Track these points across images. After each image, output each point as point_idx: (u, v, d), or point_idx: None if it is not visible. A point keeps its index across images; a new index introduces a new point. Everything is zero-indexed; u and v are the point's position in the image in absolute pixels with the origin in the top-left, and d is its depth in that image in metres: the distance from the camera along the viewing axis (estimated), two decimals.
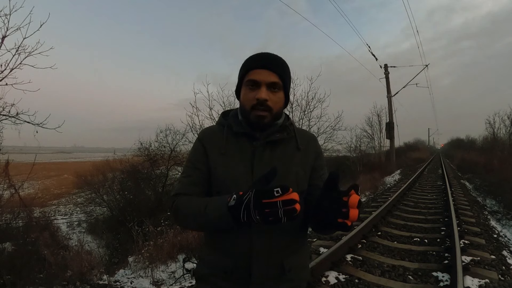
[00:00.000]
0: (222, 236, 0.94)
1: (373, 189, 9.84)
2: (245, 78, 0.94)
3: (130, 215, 7.31)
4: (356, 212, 0.74)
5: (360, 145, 18.91)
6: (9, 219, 5.26)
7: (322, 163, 1.04)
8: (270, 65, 0.92)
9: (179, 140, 10.39)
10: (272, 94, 0.92)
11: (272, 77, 0.91)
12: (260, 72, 0.91)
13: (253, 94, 0.91)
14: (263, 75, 0.91)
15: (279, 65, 0.94)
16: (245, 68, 0.94)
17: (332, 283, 2.82)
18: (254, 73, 0.92)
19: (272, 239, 0.91)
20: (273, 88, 0.92)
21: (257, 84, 0.91)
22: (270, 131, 0.96)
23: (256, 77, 0.91)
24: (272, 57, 0.95)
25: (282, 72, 0.94)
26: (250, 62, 0.95)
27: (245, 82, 0.94)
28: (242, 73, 0.96)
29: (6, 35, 3.84)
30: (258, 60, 0.94)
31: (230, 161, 0.94)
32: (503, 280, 2.93)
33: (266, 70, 0.91)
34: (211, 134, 1.01)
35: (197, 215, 0.89)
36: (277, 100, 0.94)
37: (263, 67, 0.92)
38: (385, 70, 17.71)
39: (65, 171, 32.08)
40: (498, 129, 19.01)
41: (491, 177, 10.90)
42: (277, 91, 0.93)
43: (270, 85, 0.91)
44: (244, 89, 0.95)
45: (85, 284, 3.44)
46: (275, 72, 0.92)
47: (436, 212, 6.08)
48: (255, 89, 0.92)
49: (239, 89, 0.99)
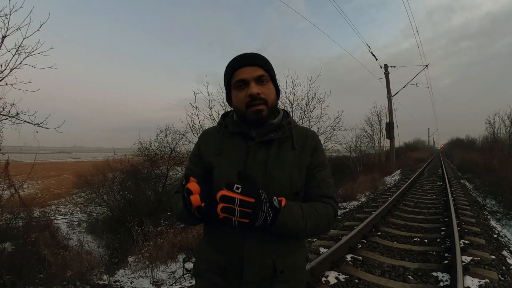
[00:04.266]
0: (217, 233, 0.96)
1: (373, 189, 9.84)
2: (232, 81, 0.95)
3: (130, 215, 7.31)
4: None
5: (360, 145, 18.91)
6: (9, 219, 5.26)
7: (319, 160, 1.00)
8: (252, 61, 0.94)
9: (179, 140, 10.39)
10: (262, 87, 0.93)
11: (257, 71, 0.93)
12: (244, 70, 0.93)
13: (244, 93, 0.93)
14: (248, 72, 0.92)
15: (259, 58, 0.96)
16: (229, 73, 0.96)
17: (332, 283, 2.82)
18: (239, 73, 0.93)
19: (264, 239, 0.91)
20: (261, 81, 0.93)
21: (245, 82, 0.93)
22: (265, 131, 0.96)
23: (242, 75, 0.92)
24: (249, 54, 0.97)
25: (264, 64, 0.95)
26: (231, 65, 0.96)
27: (233, 84, 0.95)
28: (228, 78, 0.97)
29: (6, 35, 3.84)
30: (238, 60, 0.95)
31: (224, 161, 0.95)
32: (503, 280, 2.93)
33: (249, 67, 0.93)
34: (207, 136, 1.04)
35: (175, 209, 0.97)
36: (269, 92, 0.95)
37: (246, 65, 0.93)
38: (385, 70, 17.71)
39: (65, 171, 32.09)
40: (498, 129, 18.98)
41: (491, 177, 10.90)
42: (265, 83, 0.94)
43: (257, 79, 0.93)
44: (234, 92, 0.96)
45: (85, 284, 3.44)
46: (258, 65, 0.93)
47: (436, 212, 6.08)
48: (244, 88, 0.93)
49: (229, 96, 1.00)
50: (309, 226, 0.89)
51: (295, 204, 0.87)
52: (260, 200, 0.76)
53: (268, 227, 0.80)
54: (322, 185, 0.97)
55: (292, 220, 0.85)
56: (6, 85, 3.94)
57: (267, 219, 0.78)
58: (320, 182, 0.98)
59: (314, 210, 0.91)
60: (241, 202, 0.73)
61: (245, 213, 0.73)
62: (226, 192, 0.73)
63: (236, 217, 0.74)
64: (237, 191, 0.73)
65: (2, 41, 3.83)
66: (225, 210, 0.73)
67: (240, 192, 0.73)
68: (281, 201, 0.82)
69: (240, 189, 0.74)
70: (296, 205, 0.88)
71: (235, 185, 0.74)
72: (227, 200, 0.73)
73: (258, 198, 0.76)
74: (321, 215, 0.92)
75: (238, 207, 0.73)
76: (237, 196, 0.73)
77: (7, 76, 3.92)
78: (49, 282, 3.44)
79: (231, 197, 0.73)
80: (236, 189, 0.73)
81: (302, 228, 0.88)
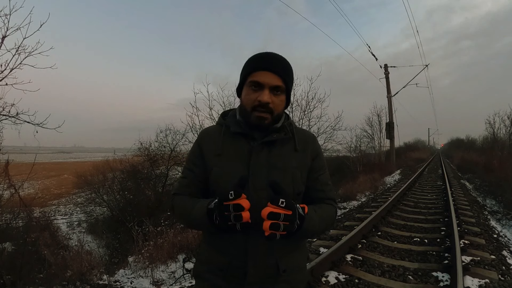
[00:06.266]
0: (219, 234, 0.94)
1: (373, 189, 9.84)
2: (248, 78, 0.92)
3: (130, 215, 7.30)
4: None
5: (360, 145, 18.86)
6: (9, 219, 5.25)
7: (320, 163, 1.02)
8: (275, 68, 0.91)
9: (179, 140, 10.37)
10: (274, 97, 0.91)
11: (275, 81, 0.90)
12: (264, 74, 0.90)
13: (255, 96, 0.90)
14: (267, 78, 0.90)
15: (283, 68, 0.92)
16: (249, 68, 0.93)
17: (332, 283, 2.82)
18: (258, 75, 0.90)
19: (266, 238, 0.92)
20: (276, 91, 0.91)
21: (260, 86, 0.90)
22: (268, 131, 0.96)
23: (260, 79, 0.90)
24: (277, 59, 0.93)
25: (286, 75, 0.92)
26: (254, 62, 0.93)
27: (248, 82, 0.93)
28: (246, 72, 0.94)
29: (6, 35, 3.83)
30: (263, 61, 0.92)
31: (226, 162, 0.94)
32: (503, 280, 2.93)
33: (270, 73, 0.90)
34: (208, 135, 1.01)
35: (186, 215, 0.93)
36: (278, 103, 0.93)
37: (268, 69, 0.90)
38: (385, 70, 17.72)
39: (65, 171, 32.08)
40: (498, 129, 18.95)
41: (491, 177, 10.88)
42: (279, 94, 0.93)
43: (273, 88, 0.91)
44: (246, 89, 0.94)
45: (85, 284, 3.44)
46: (279, 75, 0.91)
47: (436, 212, 6.08)
48: (257, 91, 0.91)
49: (241, 88, 0.98)
50: (322, 227, 0.94)
51: (310, 208, 0.89)
52: (295, 212, 0.78)
53: (294, 234, 0.81)
54: (325, 188, 1.01)
55: (312, 225, 0.87)
56: (6, 85, 3.93)
57: (295, 227, 0.80)
58: (323, 185, 1.01)
59: (324, 212, 0.95)
60: (284, 217, 0.74)
61: (285, 226, 0.75)
62: (273, 208, 0.74)
63: (279, 232, 0.75)
64: (282, 206, 0.74)
65: (2, 41, 3.83)
66: (273, 226, 0.74)
67: (284, 206, 0.74)
68: (304, 208, 0.84)
69: (284, 203, 0.74)
70: (311, 208, 0.89)
71: (280, 199, 0.74)
72: (274, 217, 0.74)
73: (294, 210, 0.78)
74: (329, 216, 0.98)
75: (282, 221, 0.74)
76: (282, 212, 0.74)
77: (7, 76, 3.92)
78: (49, 282, 3.44)
79: (277, 213, 0.74)
80: (281, 203, 0.74)
81: (317, 230, 0.92)
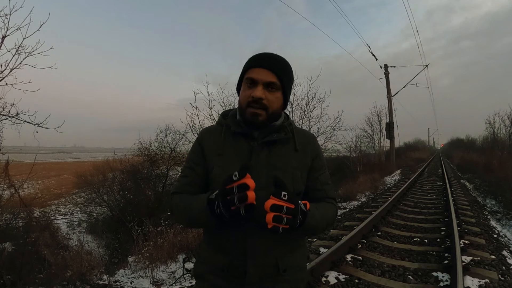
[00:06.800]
0: (218, 233, 0.95)
1: (373, 189, 9.84)
2: (245, 76, 0.96)
3: (130, 215, 7.30)
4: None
5: (360, 145, 18.87)
6: (9, 219, 5.25)
7: (320, 163, 1.04)
8: (269, 65, 0.93)
9: (179, 140, 10.38)
10: (268, 93, 0.93)
11: (269, 77, 0.92)
12: (258, 71, 0.92)
13: (249, 92, 0.93)
14: (261, 74, 0.92)
15: (278, 65, 0.94)
16: (246, 66, 0.96)
17: (332, 283, 2.82)
18: (253, 72, 0.93)
19: (266, 238, 0.91)
20: (270, 87, 0.93)
21: (255, 83, 0.92)
22: (268, 131, 0.97)
23: (254, 75, 0.92)
24: (272, 57, 0.96)
25: (281, 72, 0.94)
26: (251, 60, 0.96)
27: (244, 79, 0.96)
28: (243, 71, 0.98)
29: (6, 35, 3.83)
30: (258, 59, 0.95)
31: (227, 161, 0.94)
32: (503, 280, 2.93)
33: (264, 70, 0.92)
34: (209, 134, 1.02)
35: (187, 211, 0.92)
36: (273, 100, 0.94)
37: (262, 66, 0.93)
38: (385, 70, 17.73)
39: (65, 171, 32.07)
40: (498, 129, 18.95)
41: (491, 177, 10.88)
42: (274, 91, 0.94)
43: (267, 84, 0.92)
44: (243, 87, 0.97)
45: (85, 284, 3.44)
46: (274, 72, 0.93)
47: (436, 212, 6.08)
48: (252, 87, 0.93)
49: (240, 86, 1.01)
50: (324, 225, 0.95)
51: (311, 205, 0.89)
52: (298, 205, 0.78)
53: (296, 229, 0.81)
54: (325, 188, 1.03)
55: (314, 221, 0.88)
56: (6, 85, 3.94)
57: (298, 222, 0.80)
58: (323, 185, 1.02)
59: (325, 210, 0.96)
60: (287, 210, 0.74)
61: (288, 220, 0.75)
62: (275, 200, 0.74)
63: (282, 225, 0.74)
64: (285, 199, 0.74)
65: (2, 41, 3.83)
66: (276, 219, 0.74)
67: (286, 199, 0.74)
68: (306, 204, 0.85)
69: (287, 197, 0.74)
70: (312, 205, 0.89)
71: (283, 192, 0.74)
72: (276, 209, 0.73)
73: (297, 204, 0.78)
74: (330, 214, 0.99)
75: (285, 215, 0.74)
76: (285, 204, 0.74)
77: (7, 76, 3.92)
78: (49, 282, 3.44)
79: (280, 205, 0.73)
80: (283, 196, 0.74)
81: (319, 227, 0.93)
